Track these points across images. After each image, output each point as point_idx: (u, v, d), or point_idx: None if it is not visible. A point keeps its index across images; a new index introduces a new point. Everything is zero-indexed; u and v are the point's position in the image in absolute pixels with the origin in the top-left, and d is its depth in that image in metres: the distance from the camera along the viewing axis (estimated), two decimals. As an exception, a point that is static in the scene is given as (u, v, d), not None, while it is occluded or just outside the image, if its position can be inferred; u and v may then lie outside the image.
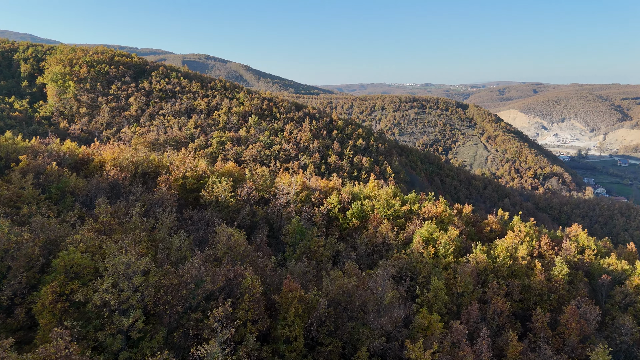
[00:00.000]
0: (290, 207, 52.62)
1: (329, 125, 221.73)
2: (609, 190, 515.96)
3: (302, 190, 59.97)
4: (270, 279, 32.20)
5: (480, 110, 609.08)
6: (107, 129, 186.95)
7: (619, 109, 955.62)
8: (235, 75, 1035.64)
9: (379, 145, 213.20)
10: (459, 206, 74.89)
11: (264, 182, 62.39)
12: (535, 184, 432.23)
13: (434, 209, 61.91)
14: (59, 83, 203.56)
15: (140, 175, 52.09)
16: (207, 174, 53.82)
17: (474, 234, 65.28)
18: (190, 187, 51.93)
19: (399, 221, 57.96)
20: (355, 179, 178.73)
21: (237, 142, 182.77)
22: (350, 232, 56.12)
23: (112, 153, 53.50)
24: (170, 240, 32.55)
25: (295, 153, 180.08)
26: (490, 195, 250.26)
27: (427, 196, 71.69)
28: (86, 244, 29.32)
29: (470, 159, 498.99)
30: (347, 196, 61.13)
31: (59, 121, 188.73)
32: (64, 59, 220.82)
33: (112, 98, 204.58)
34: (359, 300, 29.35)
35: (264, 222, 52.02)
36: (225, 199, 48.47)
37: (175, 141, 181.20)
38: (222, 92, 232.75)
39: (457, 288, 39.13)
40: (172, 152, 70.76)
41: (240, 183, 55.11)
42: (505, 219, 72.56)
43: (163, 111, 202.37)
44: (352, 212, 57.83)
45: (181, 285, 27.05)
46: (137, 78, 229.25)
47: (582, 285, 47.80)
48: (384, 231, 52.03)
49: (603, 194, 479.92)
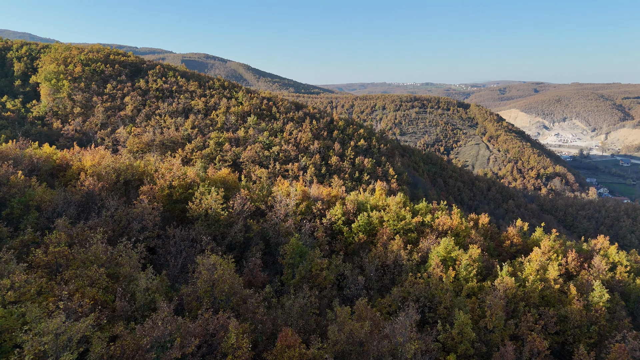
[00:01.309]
0: (289, 220, 46.57)
1: (330, 125, 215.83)
2: (611, 191, 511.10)
3: (303, 200, 53.94)
4: (262, 325, 26.18)
5: (482, 109, 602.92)
6: (102, 129, 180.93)
7: (621, 108, 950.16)
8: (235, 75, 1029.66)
9: (381, 146, 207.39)
10: (475, 216, 68.48)
11: (260, 192, 56.48)
12: (538, 184, 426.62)
13: (448, 221, 55.71)
14: (53, 82, 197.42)
15: (123, 185, 46.13)
16: (197, 182, 47.72)
17: (493, 249, 59.02)
18: (177, 197, 45.35)
19: (410, 235, 51.96)
20: (356, 180, 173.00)
21: (235, 143, 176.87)
22: (356, 248, 49.95)
23: (92, 159, 47.40)
24: (137, 278, 26.19)
25: (295, 154, 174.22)
26: (495, 196, 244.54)
27: (440, 205, 65.60)
28: (18, 291, 21.72)
29: (472, 159, 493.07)
30: (352, 206, 54.86)
31: (52, 121, 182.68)
32: (58, 58, 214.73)
33: (107, 97, 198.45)
34: (373, 352, 23.55)
35: (259, 238, 45.91)
36: (216, 212, 42.17)
37: (172, 142, 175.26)
38: (221, 91, 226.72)
39: (487, 324, 33.32)
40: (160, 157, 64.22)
41: (233, 192, 49.05)
42: (524, 229, 66.43)
43: (159, 111, 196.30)
44: (358, 226, 51.93)
45: (138, 354, 20.49)
46: (134, 77, 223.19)
47: (624, 313, 42.01)
48: (396, 249, 45.56)
49: (606, 195, 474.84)
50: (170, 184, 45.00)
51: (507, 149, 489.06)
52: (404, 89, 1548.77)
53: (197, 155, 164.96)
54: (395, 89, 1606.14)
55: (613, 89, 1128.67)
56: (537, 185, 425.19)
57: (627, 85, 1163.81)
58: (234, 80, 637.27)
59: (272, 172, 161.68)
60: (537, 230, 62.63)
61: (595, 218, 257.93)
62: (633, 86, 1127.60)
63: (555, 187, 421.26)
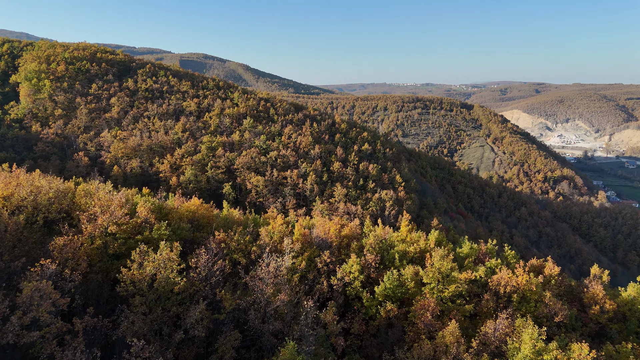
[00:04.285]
0: (282, 292, 32.03)
1: (332, 128, 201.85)
2: (619, 194, 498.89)
3: (303, 249, 38.96)
4: None
5: (485, 110, 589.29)
6: (85, 132, 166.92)
7: (624, 109, 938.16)
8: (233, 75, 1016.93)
9: (386, 150, 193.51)
10: (536, 262, 50.48)
11: (241, 237, 39.64)
12: (545, 188, 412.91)
13: (512, 278, 39.65)
14: (33, 82, 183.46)
15: (42, 227, 31.93)
16: (152, 223, 33.16)
17: (574, 318, 42.67)
18: (116, 250, 31.45)
19: (465, 309, 36.68)
20: (361, 188, 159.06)
21: (229, 148, 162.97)
22: (383, 326, 35.37)
23: (5, 188, 33.04)
24: None
25: (294, 160, 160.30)
26: (506, 203, 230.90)
27: (488, 245, 50.07)
28: None
29: (476, 162, 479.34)
30: (374, 258, 40.32)
31: (31, 124, 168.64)
32: (40, 56, 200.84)
33: (91, 98, 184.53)
34: None
35: (233, 323, 30.65)
36: (167, 280, 27.50)
37: (160, 147, 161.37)
38: (215, 92, 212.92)
39: None
40: (97, 183, 48.48)
41: (203, 234, 34.57)
42: (604, 279, 49.92)
43: (148, 113, 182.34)
44: (385, 289, 37.42)
45: None
46: (122, 76, 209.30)
47: None
48: (450, 341, 29.74)
49: (614, 198, 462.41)
50: (105, 230, 30.38)
51: (512, 151, 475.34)
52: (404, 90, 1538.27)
53: (187, 161, 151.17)
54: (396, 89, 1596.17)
55: (615, 90, 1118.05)
56: (544, 188, 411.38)
57: (630, 86, 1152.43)
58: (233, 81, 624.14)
59: (270, 180, 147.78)
60: (630, 287, 46.24)
61: (612, 226, 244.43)
62: (636, 86, 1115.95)
63: (564, 191, 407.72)
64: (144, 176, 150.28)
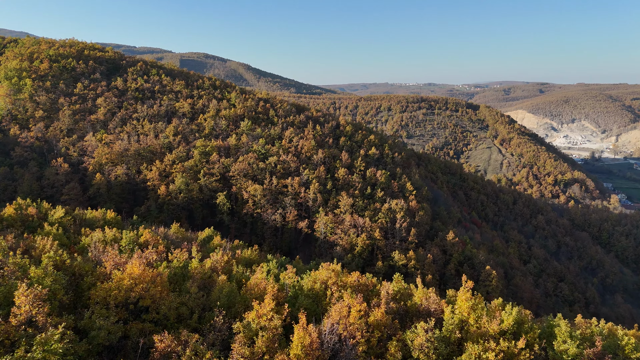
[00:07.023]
0: None
1: (336, 130, 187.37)
2: (629, 197, 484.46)
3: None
4: None
5: (492, 111, 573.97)
6: (67, 136, 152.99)
7: (630, 109, 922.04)
8: (234, 74, 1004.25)
9: (394, 155, 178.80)
10: None
11: (198, 348, 21.58)
12: (556, 192, 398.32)
13: None
14: (14, 81, 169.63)
15: None
16: (41, 324, 18.26)
17: None
18: None
19: None
20: (368, 197, 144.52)
21: (224, 153, 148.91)
22: None
23: None
24: None
25: (295, 166, 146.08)
26: (522, 211, 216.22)
27: (555, 321, 32.21)
28: None
29: (484, 164, 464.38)
30: None
31: (9, 127, 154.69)
32: (23, 53, 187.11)
33: (76, 99, 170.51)
34: None
35: None
36: None
37: (149, 152, 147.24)
38: (211, 91, 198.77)
39: None
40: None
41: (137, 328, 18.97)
42: None
43: (137, 114, 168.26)
44: None
45: None
46: (111, 75, 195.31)
47: None
48: None
49: (625, 201, 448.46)
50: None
51: (520, 152, 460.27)
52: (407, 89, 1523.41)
53: (177, 167, 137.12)
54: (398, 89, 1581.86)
55: (620, 90, 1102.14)
56: (555, 192, 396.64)
57: (635, 86, 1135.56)
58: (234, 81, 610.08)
59: (268, 189, 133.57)
60: None
61: (634, 235, 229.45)
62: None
63: (575, 195, 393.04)
64: (130, 185, 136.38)
